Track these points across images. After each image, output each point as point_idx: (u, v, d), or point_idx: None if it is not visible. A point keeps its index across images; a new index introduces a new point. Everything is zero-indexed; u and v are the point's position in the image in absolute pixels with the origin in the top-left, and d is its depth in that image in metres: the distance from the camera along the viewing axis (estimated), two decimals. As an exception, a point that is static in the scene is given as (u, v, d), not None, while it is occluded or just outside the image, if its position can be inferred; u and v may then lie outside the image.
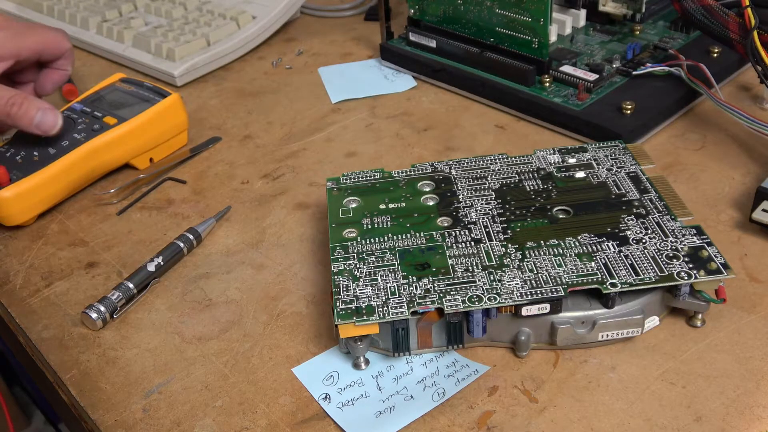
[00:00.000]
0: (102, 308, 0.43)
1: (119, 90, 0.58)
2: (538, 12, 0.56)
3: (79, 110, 0.56)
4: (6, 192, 0.49)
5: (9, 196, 0.50)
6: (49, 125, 0.51)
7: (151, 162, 0.57)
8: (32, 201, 0.51)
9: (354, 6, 0.80)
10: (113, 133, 0.54)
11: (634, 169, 0.46)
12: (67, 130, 0.53)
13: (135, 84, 0.59)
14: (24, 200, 0.50)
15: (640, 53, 0.60)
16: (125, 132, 0.54)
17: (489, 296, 0.37)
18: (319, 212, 0.51)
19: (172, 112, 0.57)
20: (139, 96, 0.57)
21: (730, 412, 0.36)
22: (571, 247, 0.40)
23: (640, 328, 0.38)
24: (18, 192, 0.50)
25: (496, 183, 0.46)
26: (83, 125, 0.54)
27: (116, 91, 0.58)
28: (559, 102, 0.56)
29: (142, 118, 0.55)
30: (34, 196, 0.51)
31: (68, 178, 0.52)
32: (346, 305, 0.38)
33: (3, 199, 0.49)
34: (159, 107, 0.56)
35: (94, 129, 0.54)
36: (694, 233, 0.40)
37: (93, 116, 0.55)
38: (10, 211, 0.50)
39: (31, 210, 0.51)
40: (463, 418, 0.36)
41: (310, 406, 0.38)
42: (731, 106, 0.50)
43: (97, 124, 0.54)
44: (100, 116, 0.55)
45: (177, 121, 0.58)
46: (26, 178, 0.50)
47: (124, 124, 0.54)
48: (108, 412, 0.38)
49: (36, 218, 0.52)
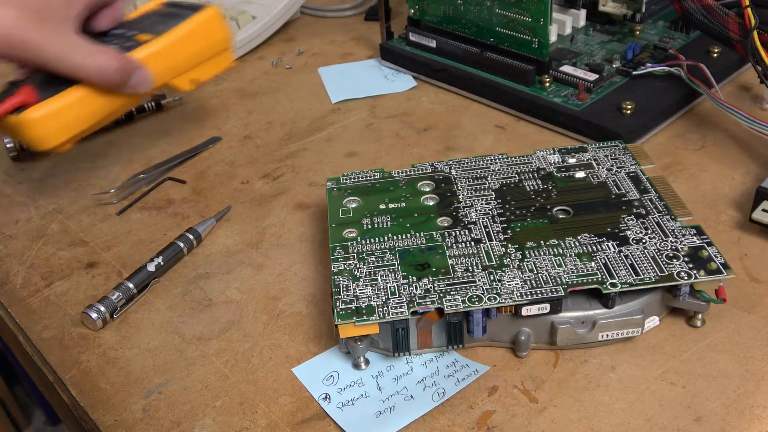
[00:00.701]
0: (102, 308, 0.43)
1: (158, 13, 0.55)
2: (538, 12, 0.56)
3: (112, 34, 0.52)
4: (35, 112, 0.45)
5: (36, 116, 0.46)
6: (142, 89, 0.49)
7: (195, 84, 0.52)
8: (62, 122, 0.47)
9: (354, 6, 0.80)
10: (147, 49, 0.49)
11: (634, 169, 0.46)
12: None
13: (175, 5, 0.55)
14: (53, 120, 0.47)
15: (640, 53, 0.60)
16: (159, 48, 0.50)
17: (489, 296, 0.37)
18: (319, 212, 0.51)
19: (211, 27, 0.53)
20: (176, 14, 0.53)
21: (730, 412, 0.36)
22: (571, 247, 0.40)
23: (640, 328, 0.38)
24: (48, 111, 0.46)
25: (496, 183, 0.46)
26: (116, 44, 0.50)
27: (155, 15, 0.55)
28: (559, 102, 0.56)
29: (176, 32, 0.51)
30: (64, 117, 0.47)
31: (101, 99, 0.48)
32: (346, 305, 0.38)
33: (29, 120, 0.46)
34: (194, 20, 0.52)
35: (126, 46, 0.50)
36: (694, 233, 0.40)
37: (125, 37, 0.51)
38: (41, 133, 0.46)
39: (62, 132, 0.47)
40: (463, 418, 0.36)
41: (310, 406, 0.38)
42: (731, 106, 0.50)
43: (129, 42, 0.50)
44: (132, 35, 0.51)
45: (217, 37, 0.53)
46: (55, 96, 0.46)
47: (157, 39, 0.50)
48: (108, 412, 0.38)
49: (69, 144, 0.48)
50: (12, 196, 0.56)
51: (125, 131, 0.62)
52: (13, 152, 0.59)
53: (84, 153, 0.60)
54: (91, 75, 0.46)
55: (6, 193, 0.56)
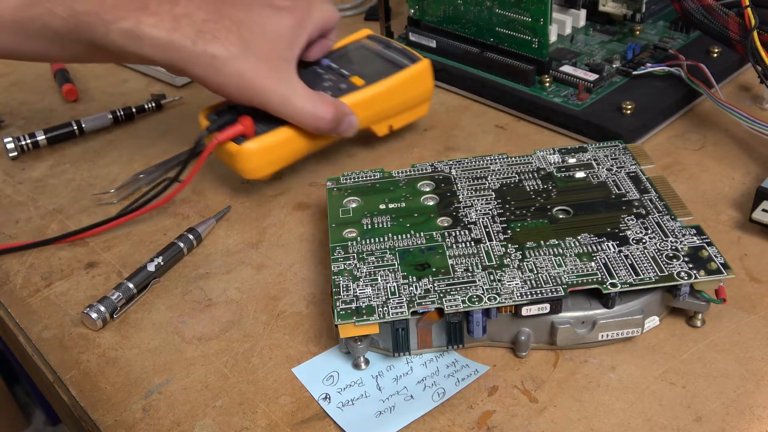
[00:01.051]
0: (102, 308, 0.43)
1: (366, 48, 0.56)
2: (538, 12, 0.56)
3: (326, 65, 0.54)
4: (251, 144, 0.48)
5: (254, 148, 0.48)
6: (348, 133, 0.51)
7: (390, 130, 0.53)
8: (273, 156, 0.49)
9: (354, 6, 0.80)
10: (360, 94, 0.51)
11: (634, 169, 0.46)
12: (314, 86, 0.51)
13: (382, 43, 0.56)
14: (267, 154, 0.49)
15: (640, 53, 0.60)
16: (372, 95, 0.51)
17: (489, 296, 0.37)
18: (319, 212, 0.51)
19: (420, 79, 0.54)
20: (387, 57, 0.54)
21: (730, 412, 0.36)
22: (571, 247, 0.40)
23: (640, 328, 0.38)
24: (262, 145, 0.48)
25: (496, 183, 0.46)
26: (329, 83, 0.52)
27: (363, 48, 0.56)
28: (559, 102, 0.56)
29: (390, 82, 0.52)
30: (277, 152, 0.49)
31: (309, 138, 0.50)
32: (346, 305, 0.38)
33: (248, 151, 0.48)
34: (409, 72, 0.53)
35: (340, 88, 0.51)
36: (694, 233, 0.40)
37: (340, 74, 0.53)
38: (253, 164, 0.49)
39: (270, 165, 0.50)
40: (463, 418, 0.36)
41: (310, 406, 0.38)
42: (731, 106, 0.50)
43: (343, 84, 0.52)
44: (346, 75, 0.52)
45: (423, 89, 0.54)
46: (270, 132, 0.49)
47: (371, 86, 0.51)
48: (108, 412, 0.38)
49: (270, 175, 0.51)
50: (12, 196, 0.56)
51: (125, 131, 0.62)
52: (13, 152, 0.59)
53: (84, 153, 0.60)
54: (306, 122, 0.48)
55: (6, 193, 0.56)
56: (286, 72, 0.48)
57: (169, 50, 0.45)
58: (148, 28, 0.45)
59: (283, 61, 0.48)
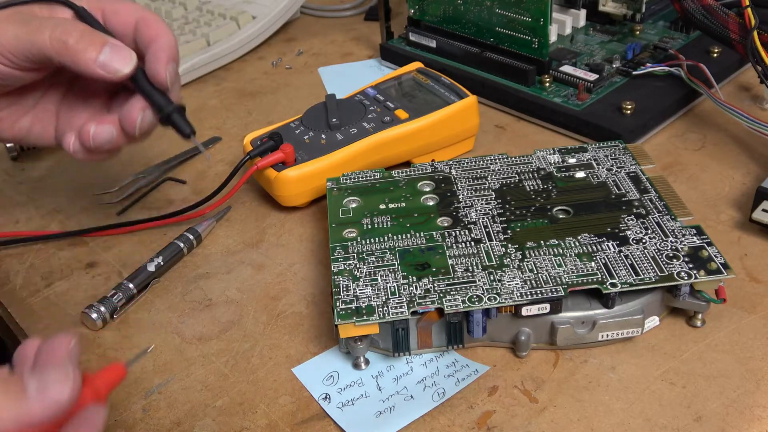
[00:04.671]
0: (102, 308, 0.43)
1: (415, 81, 0.56)
2: (538, 12, 0.56)
3: (372, 96, 0.54)
4: (291, 172, 0.49)
5: (293, 176, 0.49)
6: (117, 66, 0.39)
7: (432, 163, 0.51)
8: (312, 185, 0.50)
9: (354, 6, 0.80)
10: (404, 128, 0.51)
11: (634, 169, 0.46)
12: (358, 117, 0.51)
13: (432, 77, 0.56)
14: (305, 183, 0.49)
15: (640, 53, 0.60)
16: (416, 129, 0.52)
17: (489, 296, 0.37)
18: (319, 212, 0.51)
19: (466, 115, 0.53)
20: (434, 92, 0.55)
21: (730, 412, 0.36)
22: (571, 247, 0.40)
23: (640, 328, 0.38)
24: (301, 174, 0.49)
25: (496, 183, 0.46)
26: (374, 114, 0.52)
27: (412, 81, 0.56)
28: (559, 102, 0.56)
29: (435, 116, 0.52)
30: (315, 181, 0.49)
31: (349, 167, 0.50)
32: (346, 305, 0.38)
33: (287, 179, 0.49)
34: (454, 108, 0.53)
35: (384, 121, 0.52)
36: (694, 233, 0.40)
37: (385, 106, 0.53)
38: (290, 192, 0.49)
39: (307, 194, 0.50)
40: (463, 418, 0.36)
41: (310, 406, 0.38)
42: (731, 106, 0.50)
43: (388, 116, 0.52)
44: (392, 108, 0.53)
45: (469, 125, 0.54)
46: (311, 161, 0.49)
47: (416, 120, 0.52)
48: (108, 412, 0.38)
49: (307, 203, 0.51)
50: (12, 196, 0.56)
51: (125, 131, 0.62)
52: (13, 152, 0.59)
53: (84, 153, 0.60)
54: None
55: (6, 193, 0.56)
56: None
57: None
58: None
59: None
